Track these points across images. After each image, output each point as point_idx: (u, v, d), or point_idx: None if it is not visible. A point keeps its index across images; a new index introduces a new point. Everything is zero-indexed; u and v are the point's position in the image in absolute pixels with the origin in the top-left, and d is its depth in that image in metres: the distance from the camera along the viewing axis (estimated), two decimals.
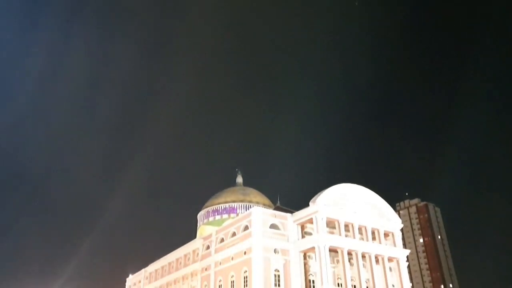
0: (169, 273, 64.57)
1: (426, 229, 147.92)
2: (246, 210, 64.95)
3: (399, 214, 65.39)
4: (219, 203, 75.24)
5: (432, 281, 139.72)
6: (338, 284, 47.97)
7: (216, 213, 74.39)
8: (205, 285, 54.44)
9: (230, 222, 57.35)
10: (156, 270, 69.72)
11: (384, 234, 52.30)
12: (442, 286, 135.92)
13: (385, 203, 54.28)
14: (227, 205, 73.94)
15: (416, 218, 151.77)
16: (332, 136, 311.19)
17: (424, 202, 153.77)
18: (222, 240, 54.06)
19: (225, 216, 72.41)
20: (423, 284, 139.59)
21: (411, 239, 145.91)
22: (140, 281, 74.11)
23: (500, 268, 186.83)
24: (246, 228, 49.49)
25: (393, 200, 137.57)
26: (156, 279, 68.46)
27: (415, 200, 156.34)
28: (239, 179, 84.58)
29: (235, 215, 69.01)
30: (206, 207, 77.09)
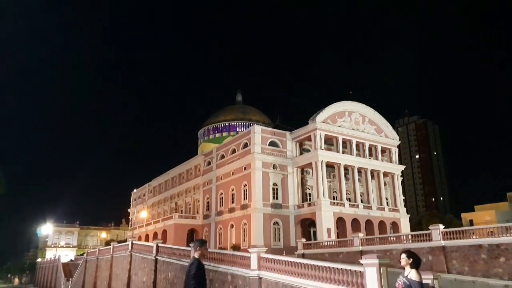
0: (172, 187, 67.28)
1: (423, 145, 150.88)
2: (245, 128, 65.32)
3: (397, 131, 65.81)
4: (219, 121, 75.52)
5: (424, 194, 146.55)
6: (333, 197, 50.20)
7: (216, 131, 75.07)
8: (207, 198, 57.06)
9: (230, 139, 58.12)
10: (159, 184, 72.60)
11: (381, 150, 53.42)
12: (433, 199, 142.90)
13: (384, 120, 54.46)
14: (227, 123, 74.26)
15: (414, 135, 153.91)
16: (333, 54, 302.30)
17: (423, 119, 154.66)
18: (223, 156, 55.29)
19: (225, 134, 73.19)
20: (416, 198, 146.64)
21: (407, 155, 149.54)
22: (144, 194, 77.66)
23: (487, 184, 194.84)
24: (246, 145, 50.27)
25: (392, 117, 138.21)
26: (160, 193, 71.61)
27: (414, 117, 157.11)
28: (239, 98, 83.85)
29: (235, 133, 69.71)
30: (207, 125, 77.57)
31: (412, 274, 5.73)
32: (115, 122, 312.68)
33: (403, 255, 5.90)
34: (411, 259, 5.79)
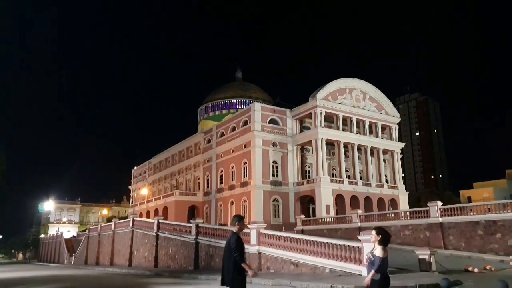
0: (173, 164, 67.54)
1: (424, 123, 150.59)
2: (245, 105, 64.92)
3: (398, 109, 65.46)
4: (218, 99, 74.94)
5: (423, 171, 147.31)
6: (333, 175, 50.44)
7: (216, 108, 74.61)
8: (207, 175, 57.37)
9: (230, 117, 57.89)
10: (160, 162, 72.85)
11: (382, 127, 53.32)
12: (433, 176, 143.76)
13: (385, 97, 54.11)
14: (226, 100, 73.71)
15: (415, 112, 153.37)
16: (334, 32, 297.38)
17: (425, 97, 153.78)
18: (223, 134, 55.22)
19: (225, 111, 72.78)
20: (415, 175, 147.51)
21: (407, 133, 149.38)
22: (145, 172, 78.07)
23: (487, 161, 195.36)
24: (246, 123, 50.11)
25: (393, 94, 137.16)
26: (160, 170, 71.96)
27: (416, 95, 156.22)
28: (239, 74, 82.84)
29: (235, 110, 69.29)
30: (206, 102, 77.02)
31: (377, 250, 5.96)
32: (115, 98, 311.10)
33: (373, 232, 6.15)
34: (380, 236, 6.02)
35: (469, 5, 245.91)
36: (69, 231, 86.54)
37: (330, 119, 49.48)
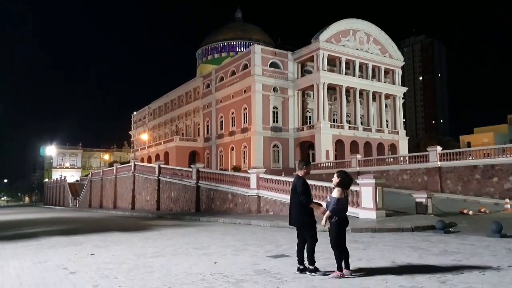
0: (172, 110, 67.03)
1: (428, 67, 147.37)
2: (245, 48, 62.98)
3: (402, 52, 63.54)
4: (218, 41, 72.58)
5: (424, 117, 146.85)
6: (334, 120, 50.17)
7: (215, 51, 72.55)
8: (207, 121, 57.13)
9: (230, 60, 56.38)
10: (159, 107, 72.28)
11: (385, 71, 52.14)
12: (433, 122, 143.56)
13: (389, 40, 52.27)
14: (226, 42, 71.41)
15: (419, 56, 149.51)
16: None
17: (430, 39, 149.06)
18: (222, 78, 54.13)
19: (224, 54, 70.84)
20: (416, 120, 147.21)
21: (411, 77, 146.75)
22: (144, 117, 77.78)
23: (490, 107, 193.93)
24: (246, 66, 48.88)
25: (398, 36, 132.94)
26: (160, 115, 71.60)
27: (421, 37, 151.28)
28: (238, 14, 79.49)
29: (234, 53, 67.35)
30: (205, 44, 74.71)
31: (334, 192, 6.10)
32: (113, 42, 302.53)
33: (335, 175, 6.24)
34: (339, 178, 6.12)
35: None
36: (72, 176, 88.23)
37: (332, 63, 48.19)
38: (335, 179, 6.20)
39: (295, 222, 6.34)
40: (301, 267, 6.30)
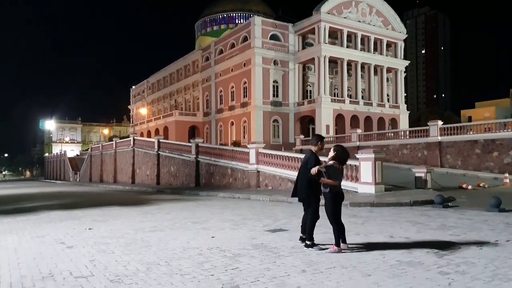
0: (171, 84, 66.36)
1: (431, 40, 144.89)
2: (245, 20, 61.65)
3: (405, 24, 62.26)
4: (217, 12, 71.01)
5: (426, 91, 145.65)
6: (334, 94, 49.70)
7: (214, 23, 71.09)
8: (207, 95, 56.64)
9: (229, 32, 55.29)
10: (158, 81, 71.52)
11: (387, 44, 51.26)
12: (435, 96, 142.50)
13: (392, 11, 51.11)
14: (225, 14, 69.87)
15: (423, 29, 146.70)
16: None
17: (434, 11, 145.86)
18: (221, 51, 53.26)
19: (223, 26, 69.44)
20: (417, 94, 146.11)
21: (413, 50, 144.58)
22: (143, 91, 77.13)
23: (492, 81, 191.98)
24: (246, 39, 47.99)
25: (402, 8, 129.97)
26: (158, 90, 70.96)
27: (425, 9, 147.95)
28: None
29: (234, 25, 66.03)
30: (204, 16, 73.13)
31: (329, 163, 6.06)
32: (111, 15, 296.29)
33: (331, 149, 6.23)
34: (335, 153, 6.10)
35: None
36: (72, 150, 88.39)
37: (334, 35, 47.28)
38: (331, 153, 6.13)
39: (301, 196, 6.33)
40: (304, 236, 6.38)
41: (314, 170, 5.97)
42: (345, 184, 15.70)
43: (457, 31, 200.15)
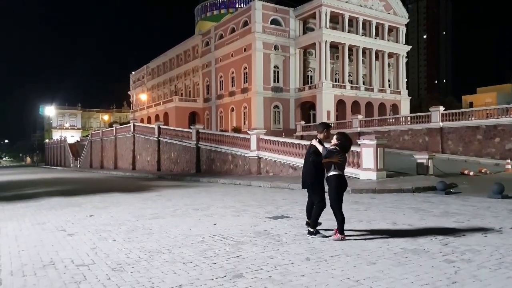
0: (171, 69, 65.80)
1: (433, 24, 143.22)
2: (246, 4, 60.79)
3: (407, 9, 61.38)
4: None
5: (427, 76, 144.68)
6: (335, 79, 49.31)
7: (214, 8, 70.15)
8: (207, 81, 56.23)
9: (229, 17, 54.57)
10: (157, 67, 70.93)
11: (389, 29, 50.65)
12: (436, 81, 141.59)
13: None
14: None
15: (424, 13, 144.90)
16: None
17: None
18: (222, 36, 52.65)
19: (223, 10, 68.54)
20: (418, 80, 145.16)
21: (415, 35, 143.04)
22: (143, 77, 76.58)
23: (494, 67, 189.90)
24: (246, 23, 47.37)
25: None
26: (158, 75, 70.43)
27: None
28: None
29: (234, 10, 65.17)
30: (204, 0, 72.12)
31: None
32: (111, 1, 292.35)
33: (334, 137, 6.12)
34: (338, 141, 6.00)
35: None
36: (72, 136, 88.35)
37: (335, 20, 46.64)
38: (334, 141, 6.03)
39: (305, 184, 6.29)
40: (309, 221, 6.35)
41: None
42: (347, 171, 15.59)
43: (459, 16, 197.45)
